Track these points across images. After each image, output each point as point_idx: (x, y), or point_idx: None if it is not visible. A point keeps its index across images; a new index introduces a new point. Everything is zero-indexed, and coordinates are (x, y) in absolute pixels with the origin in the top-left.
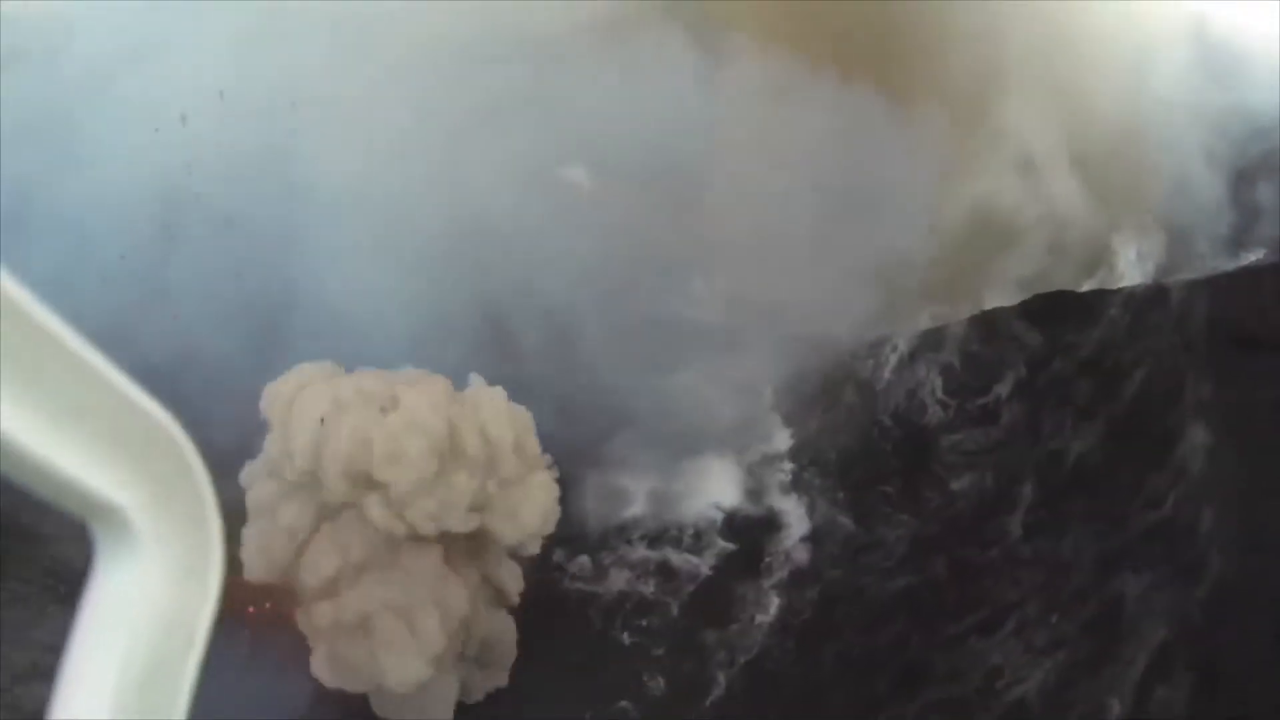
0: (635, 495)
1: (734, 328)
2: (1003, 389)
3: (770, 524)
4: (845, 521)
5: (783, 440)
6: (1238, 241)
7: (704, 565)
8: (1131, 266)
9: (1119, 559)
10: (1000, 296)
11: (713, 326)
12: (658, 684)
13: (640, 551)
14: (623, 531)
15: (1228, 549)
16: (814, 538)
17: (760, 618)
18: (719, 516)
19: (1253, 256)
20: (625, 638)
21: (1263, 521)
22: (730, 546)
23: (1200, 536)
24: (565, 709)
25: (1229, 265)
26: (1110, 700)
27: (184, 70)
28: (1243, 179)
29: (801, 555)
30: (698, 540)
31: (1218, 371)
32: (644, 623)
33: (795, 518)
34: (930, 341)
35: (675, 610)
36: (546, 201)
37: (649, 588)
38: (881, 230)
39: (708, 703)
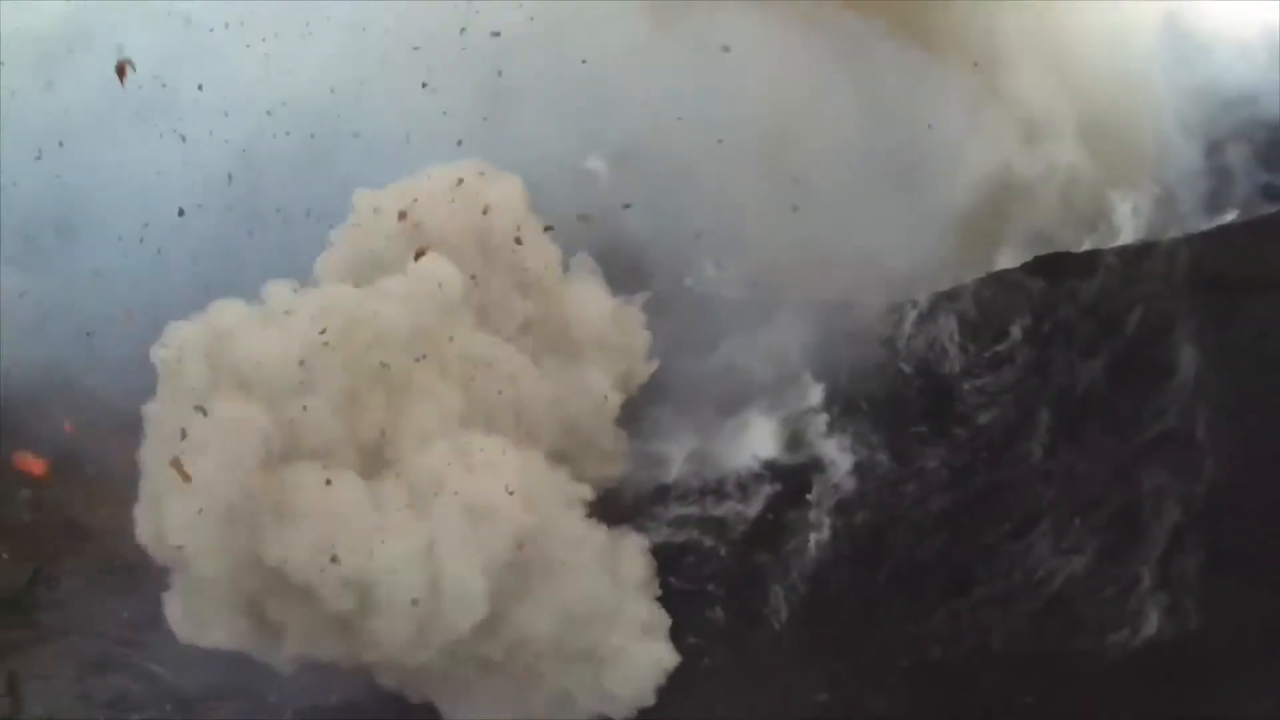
0: (674, 459)
1: (764, 300)
2: (1015, 336)
3: (812, 466)
4: (883, 459)
5: (815, 394)
6: (1214, 204)
7: (750, 510)
8: (1127, 222)
9: (1130, 467)
10: (1009, 258)
11: (744, 299)
12: (718, 615)
13: (684, 509)
14: (664, 494)
15: (1219, 451)
16: (855, 473)
17: (812, 541)
18: (760, 467)
19: (1227, 217)
20: (676, 582)
21: (1246, 428)
22: (775, 488)
23: (1197, 443)
24: None
25: (1207, 224)
26: (1141, 570)
27: None
28: (1215, 148)
29: (847, 485)
30: (742, 490)
31: (1201, 312)
32: (695, 566)
33: (835, 459)
34: (946, 300)
35: (724, 552)
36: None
37: (696, 535)
38: (911, 195)
39: (771, 625)
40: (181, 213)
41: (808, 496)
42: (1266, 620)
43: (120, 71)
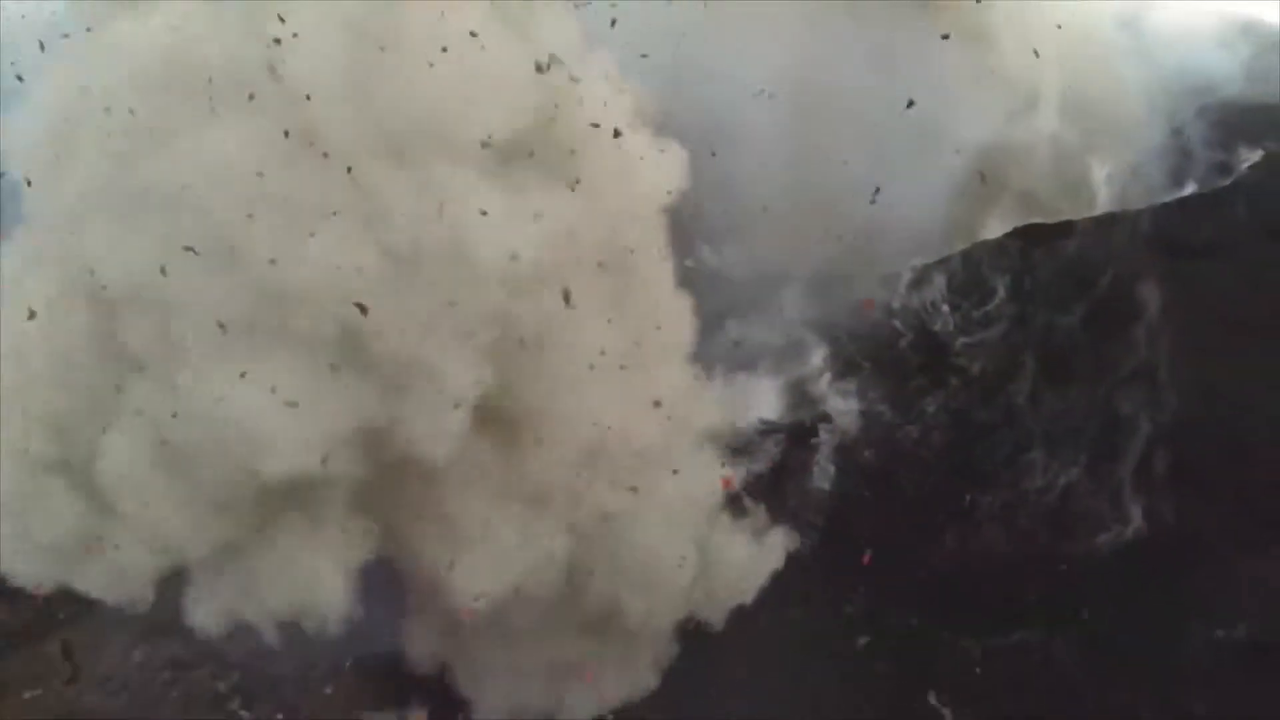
0: None
1: (767, 277)
2: (1000, 295)
3: (818, 419)
4: (884, 409)
5: (818, 356)
6: (1176, 178)
7: (758, 464)
8: (1102, 191)
9: (1105, 400)
10: (996, 228)
11: (746, 278)
12: None
13: None
14: None
15: (1180, 384)
16: (860, 421)
17: (821, 479)
18: (766, 426)
19: (1187, 190)
20: None
21: (1200, 365)
22: (782, 443)
23: (1161, 378)
24: None
25: (1169, 196)
26: (1121, 480)
27: None
28: (1178, 130)
29: (852, 431)
30: (747, 446)
31: (1163, 270)
32: None
33: (839, 410)
34: (937, 267)
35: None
36: None
37: None
38: (912, 162)
39: (787, 554)
40: None
41: (813, 441)
42: (1224, 519)
43: None
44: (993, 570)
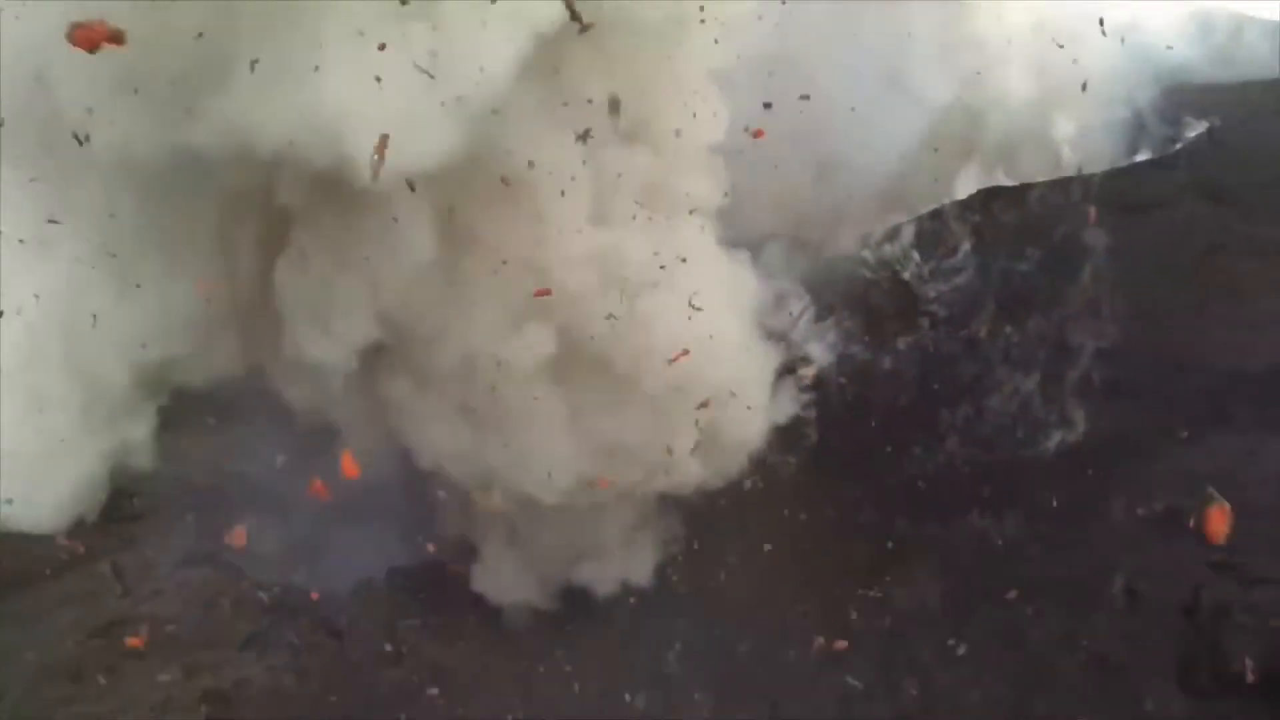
0: None
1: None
2: (963, 250)
3: (798, 359)
4: (859, 349)
5: (797, 307)
6: (1131, 148)
7: None
8: (1068, 156)
9: (1056, 331)
10: (964, 188)
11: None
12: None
13: None
14: None
15: (1120, 316)
16: (839, 358)
17: (806, 408)
18: None
19: (1140, 157)
20: None
21: (1137, 301)
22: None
23: (1104, 313)
24: None
25: (1124, 163)
26: (1067, 395)
27: None
28: (1138, 106)
29: (833, 366)
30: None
31: (1110, 224)
32: None
33: (819, 351)
34: (907, 226)
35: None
36: None
37: None
38: (880, 133)
39: (778, 479)
40: None
41: (801, 372)
42: (1149, 420)
43: None
44: (957, 476)
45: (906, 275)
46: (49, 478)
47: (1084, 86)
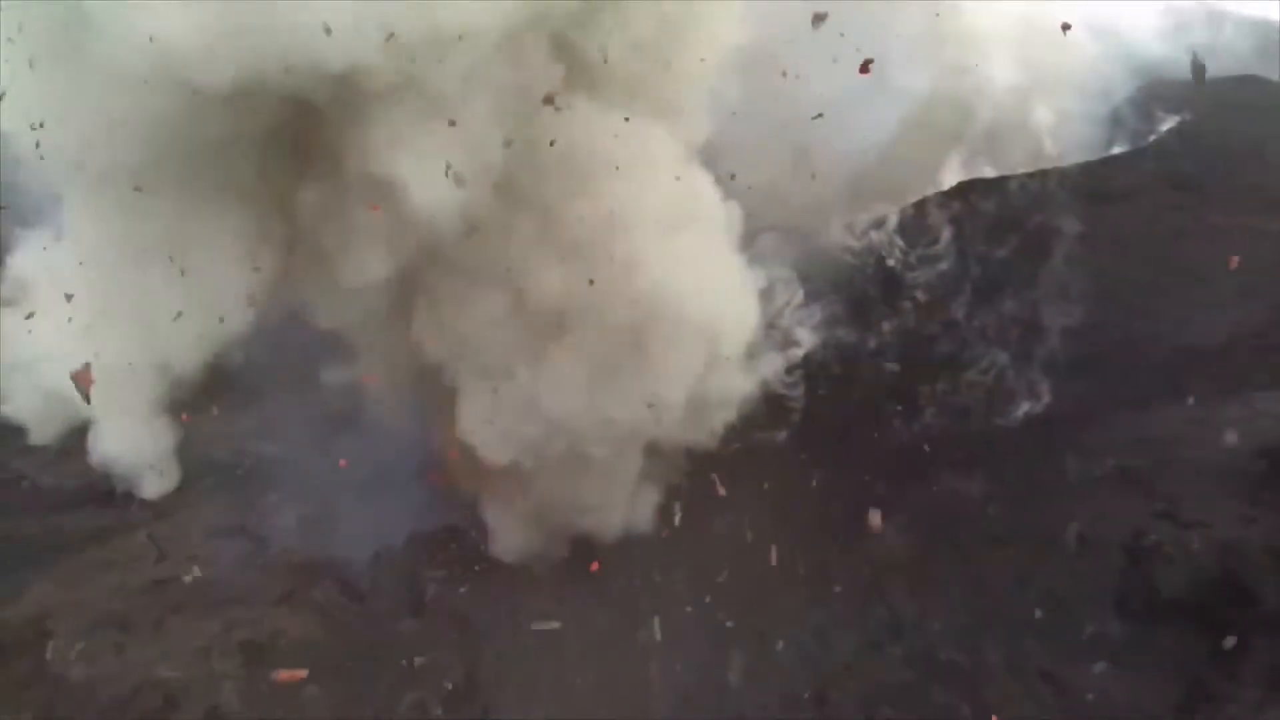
0: None
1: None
2: (943, 238)
3: (785, 343)
4: (844, 333)
5: (787, 293)
6: (1109, 140)
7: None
8: (1050, 148)
9: (1034, 308)
10: (947, 179)
11: None
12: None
13: None
14: None
15: (1086, 297)
16: (824, 341)
17: (792, 386)
18: None
19: (1116, 150)
20: None
21: (1101, 283)
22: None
23: (1072, 295)
24: None
25: (1099, 155)
26: (1035, 369)
27: None
28: (1114, 102)
29: (819, 347)
30: None
31: (1083, 211)
32: None
33: (804, 335)
34: (889, 217)
35: None
36: None
37: None
38: (857, 128)
39: (766, 447)
40: None
41: (792, 350)
42: (1107, 391)
43: None
44: (934, 444)
45: (891, 262)
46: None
47: (1065, 28)
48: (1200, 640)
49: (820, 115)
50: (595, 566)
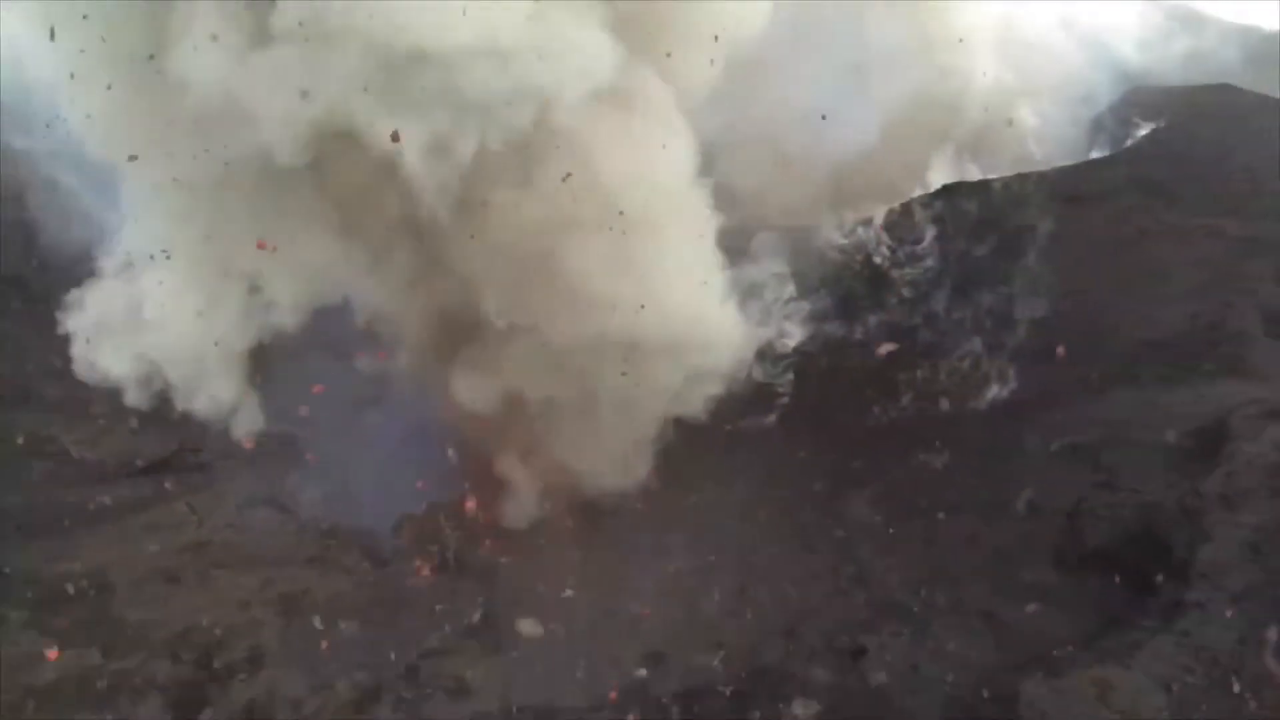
0: None
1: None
2: (927, 237)
3: (777, 336)
4: (834, 326)
5: (779, 288)
6: (1089, 144)
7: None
8: (1034, 151)
9: (1009, 300)
10: (933, 181)
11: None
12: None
13: None
14: None
15: (1055, 291)
16: (812, 336)
17: (782, 374)
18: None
19: (1095, 154)
20: None
21: (1071, 278)
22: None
23: (1042, 290)
24: None
25: (1078, 160)
26: (1005, 357)
27: None
28: (1096, 109)
29: (805, 339)
30: None
31: (1057, 211)
32: None
33: (796, 329)
34: (881, 216)
35: None
36: None
37: None
38: (844, 129)
39: (757, 427)
40: None
41: (784, 341)
42: (1073, 376)
43: None
44: (912, 427)
45: (878, 259)
46: None
47: None
48: (1121, 584)
49: (825, 118)
50: None
